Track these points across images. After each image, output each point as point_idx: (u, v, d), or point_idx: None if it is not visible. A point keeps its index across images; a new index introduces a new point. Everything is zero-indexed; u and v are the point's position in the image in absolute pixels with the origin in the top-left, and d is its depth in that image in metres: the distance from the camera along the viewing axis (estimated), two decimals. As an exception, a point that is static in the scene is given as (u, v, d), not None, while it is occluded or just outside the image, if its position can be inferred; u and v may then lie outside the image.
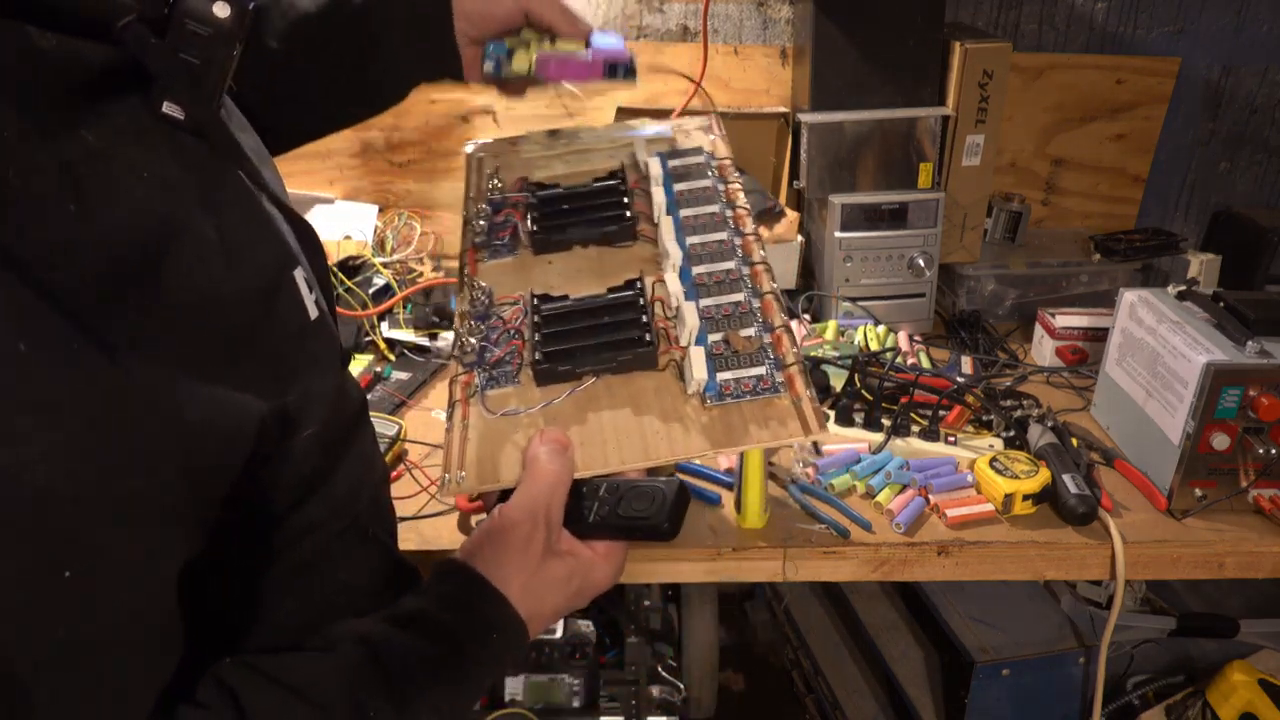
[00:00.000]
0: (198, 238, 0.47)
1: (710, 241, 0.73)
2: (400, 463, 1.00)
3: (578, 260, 0.73)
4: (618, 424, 0.60)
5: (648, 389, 0.63)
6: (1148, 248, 1.40)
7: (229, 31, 0.48)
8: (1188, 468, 0.95)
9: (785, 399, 0.61)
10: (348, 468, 0.60)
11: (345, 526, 0.61)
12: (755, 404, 0.60)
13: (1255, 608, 1.33)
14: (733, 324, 0.66)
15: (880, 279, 1.32)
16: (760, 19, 1.46)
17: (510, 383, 0.64)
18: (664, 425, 0.60)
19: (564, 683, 1.16)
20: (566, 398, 0.62)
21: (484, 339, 0.66)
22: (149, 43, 0.46)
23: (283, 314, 0.53)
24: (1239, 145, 1.60)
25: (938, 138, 1.32)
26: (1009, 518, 0.95)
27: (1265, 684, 1.20)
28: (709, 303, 0.68)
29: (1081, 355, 1.24)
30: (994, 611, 1.30)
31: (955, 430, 1.07)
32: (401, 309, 1.25)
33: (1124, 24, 1.50)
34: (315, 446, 0.55)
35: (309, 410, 0.54)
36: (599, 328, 0.66)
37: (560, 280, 0.71)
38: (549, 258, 0.73)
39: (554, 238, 0.73)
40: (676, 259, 0.70)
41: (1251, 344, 0.92)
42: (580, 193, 0.78)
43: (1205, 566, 0.94)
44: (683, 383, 0.62)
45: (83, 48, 0.44)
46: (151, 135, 0.47)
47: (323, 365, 0.56)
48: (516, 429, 0.61)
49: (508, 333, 0.67)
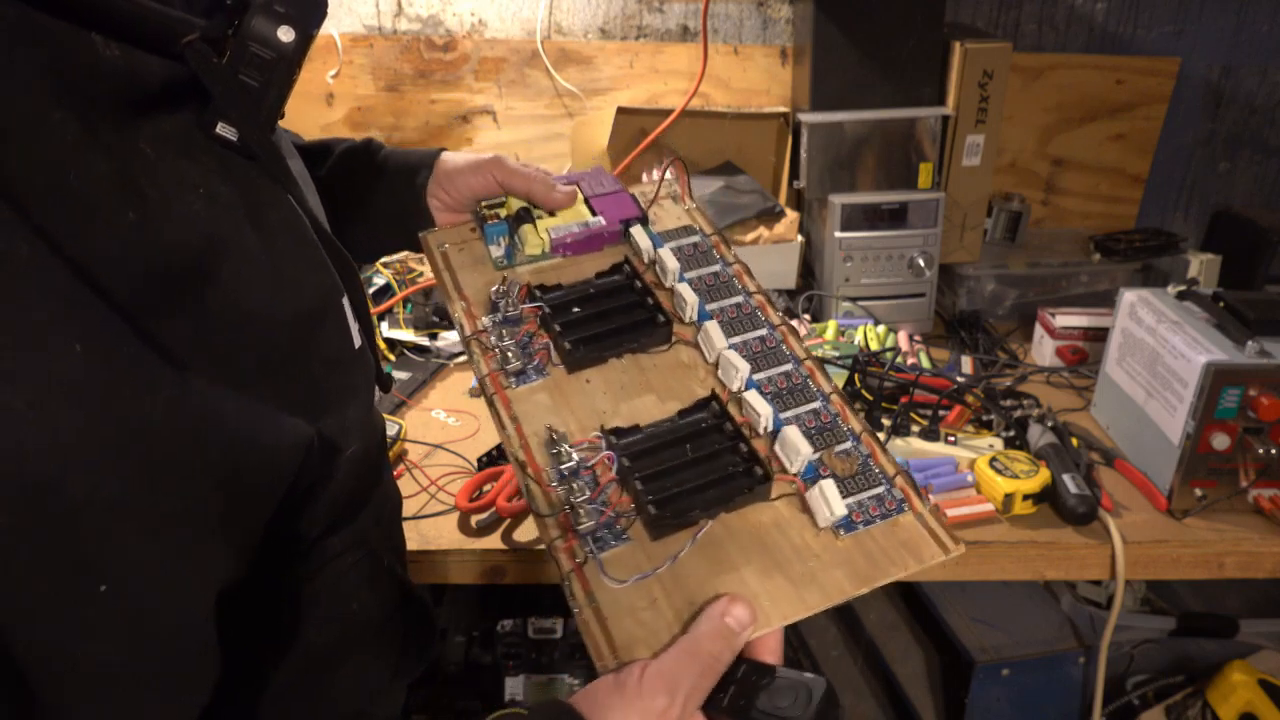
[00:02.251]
0: (247, 257, 0.47)
1: (753, 340, 0.66)
2: (400, 463, 1.01)
3: (616, 374, 0.65)
4: (758, 572, 0.56)
5: (767, 525, 0.58)
6: (1148, 248, 1.40)
7: (290, 56, 0.48)
8: (1188, 468, 0.95)
9: (909, 516, 0.57)
10: (376, 498, 0.60)
11: (361, 556, 0.60)
12: (883, 527, 0.57)
13: (1255, 608, 1.33)
14: (824, 440, 0.61)
15: (880, 279, 1.32)
16: (760, 19, 1.46)
17: (620, 542, 0.57)
18: (803, 566, 0.56)
19: (564, 683, 1.16)
20: (691, 547, 0.56)
21: (576, 497, 0.57)
22: (210, 62, 0.45)
23: (328, 341, 0.53)
24: (1239, 145, 1.60)
25: (938, 138, 1.32)
26: (1009, 518, 0.95)
27: (1265, 684, 1.20)
28: (789, 415, 0.62)
29: (1081, 355, 1.24)
30: (994, 611, 1.30)
31: (955, 430, 1.07)
32: (401, 309, 1.25)
33: (1124, 24, 1.50)
34: (350, 477, 0.55)
35: (347, 439, 0.54)
36: (697, 462, 0.59)
37: (610, 404, 0.63)
38: (585, 375, 0.64)
39: (591, 352, 0.64)
40: (744, 372, 0.62)
41: (1251, 344, 0.92)
42: (593, 294, 0.68)
43: (1205, 566, 0.94)
44: (805, 515, 0.58)
45: (145, 61, 0.43)
46: (203, 152, 0.47)
47: (361, 396, 0.56)
48: (645, 591, 0.55)
49: (603, 486, 0.58)
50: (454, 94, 1.42)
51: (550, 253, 0.70)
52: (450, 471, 1.00)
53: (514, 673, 1.18)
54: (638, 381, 0.65)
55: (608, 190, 0.74)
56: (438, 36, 1.40)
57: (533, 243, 0.70)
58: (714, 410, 0.62)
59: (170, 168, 0.44)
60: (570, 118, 1.45)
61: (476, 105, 1.43)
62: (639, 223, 0.72)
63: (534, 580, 0.91)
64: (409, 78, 1.41)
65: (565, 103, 1.44)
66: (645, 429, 0.61)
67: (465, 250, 0.72)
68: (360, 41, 1.39)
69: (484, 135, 1.45)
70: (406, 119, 1.43)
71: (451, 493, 0.96)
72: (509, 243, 0.70)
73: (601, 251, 0.71)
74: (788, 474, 0.59)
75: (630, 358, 0.65)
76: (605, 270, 0.70)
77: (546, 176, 0.73)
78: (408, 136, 1.44)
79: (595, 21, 1.44)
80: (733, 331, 0.66)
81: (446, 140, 1.45)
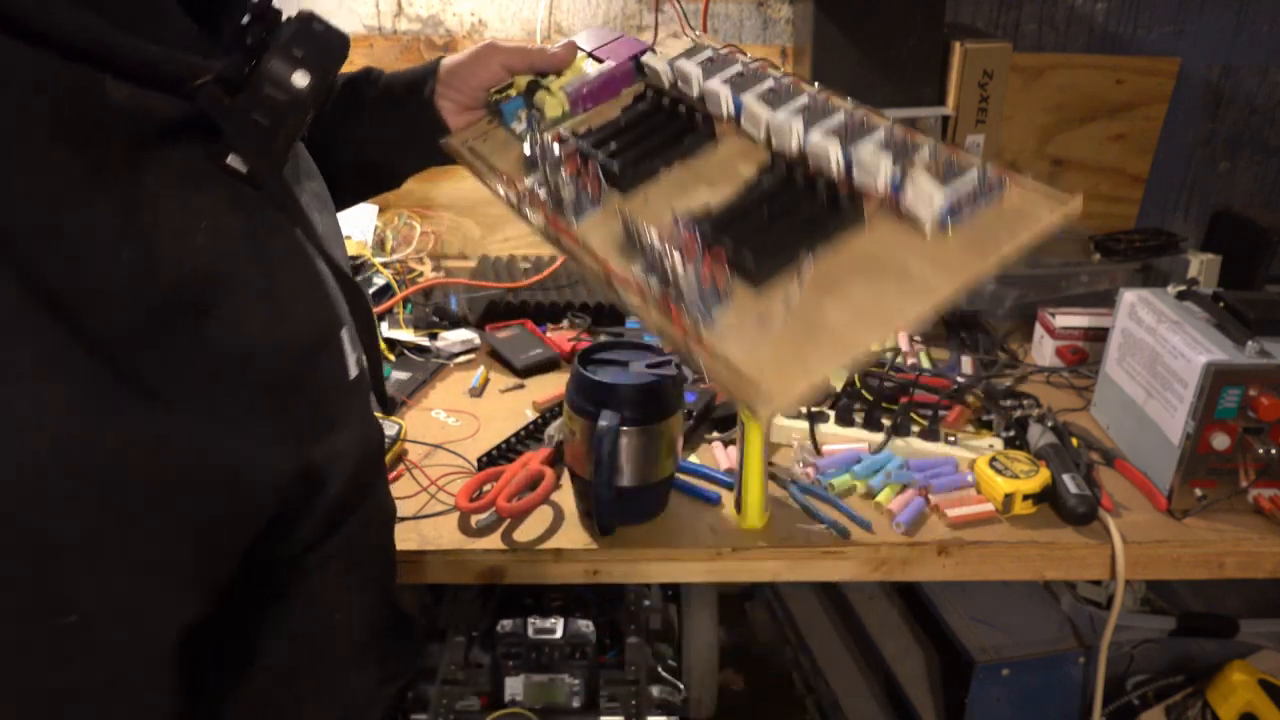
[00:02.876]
0: (246, 288, 0.47)
1: (797, 107, 0.63)
2: (400, 462, 1.01)
3: (671, 185, 0.64)
4: (869, 285, 0.54)
5: (873, 249, 0.56)
6: (1148, 248, 1.40)
7: (304, 100, 0.48)
8: (1188, 468, 0.95)
9: (1013, 190, 0.54)
10: (362, 514, 0.60)
11: (347, 568, 0.61)
12: (990, 209, 0.55)
13: (1255, 608, 1.33)
14: (904, 153, 0.58)
15: (880, 279, 1.32)
16: (760, 19, 1.46)
17: (726, 302, 0.56)
18: (921, 264, 0.54)
19: (564, 683, 1.16)
20: (801, 285, 0.54)
21: (672, 271, 0.55)
22: (221, 103, 0.46)
23: (323, 372, 0.53)
24: (1239, 145, 1.60)
25: (938, 137, 1.32)
26: (1009, 518, 0.95)
27: (1265, 684, 1.20)
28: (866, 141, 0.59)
29: (1081, 355, 1.24)
30: (994, 611, 1.30)
31: (955, 430, 1.07)
32: (401, 309, 1.25)
33: (1124, 24, 1.50)
34: (338, 498, 0.55)
35: (337, 465, 0.54)
36: (777, 216, 0.58)
37: (671, 206, 0.61)
38: (642, 194, 0.63)
39: (641, 169, 0.63)
40: (799, 125, 0.60)
41: (1251, 344, 0.92)
42: (624, 127, 0.68)
43: (1205, 566, 0.94)
44: (907, 224, 0.55)
45: (155, 101, 0.44)
46: (212, 184, 0.47)
47: (355, 423, 0.57)
48: (765, 334, 0.53)
49: (687, 250, 0.56)
50: (454, 94, 1.42)
51: (571, 111, 0.70)
52: (450, 471, 1.00)
53: (514, 673, 1.18)
54: (697, 180, 0.63)
55: (607, 40, 0.74)
56: (438, 36, 1.40)
57: (552, 105, 0.69)
58: (780, 170, 0.60)
59: (175, 202, 0.44)
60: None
61: (476, 105, 1.43)
62: (649, 52, 0.71)
63: (534, 580, 0.91)
64: (409, 78, 1.41)
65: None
66: (716, 208, 0.60)
67: (488, 140, 0.72)
68: (360, 42, 1.38)
69: (484, 135, 1.45)
70: (406, 119, 1.43)
71: (451, 493, 0.96)
72: (529, 114, 0.70)
73: (621, 95, 0.71)
74: (876, 195, 0.57)
75: (680, 165, 0.64)
76: (629, 104, 0.69)
77: (543, 47, 0.74)
78: (408, 136, 1.44)
79: (595, 21, 1.44)
80: (774, 105, 0.64)
81: (446, 140, 1.45)
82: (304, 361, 0.51)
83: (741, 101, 0.65)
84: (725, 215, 0.60)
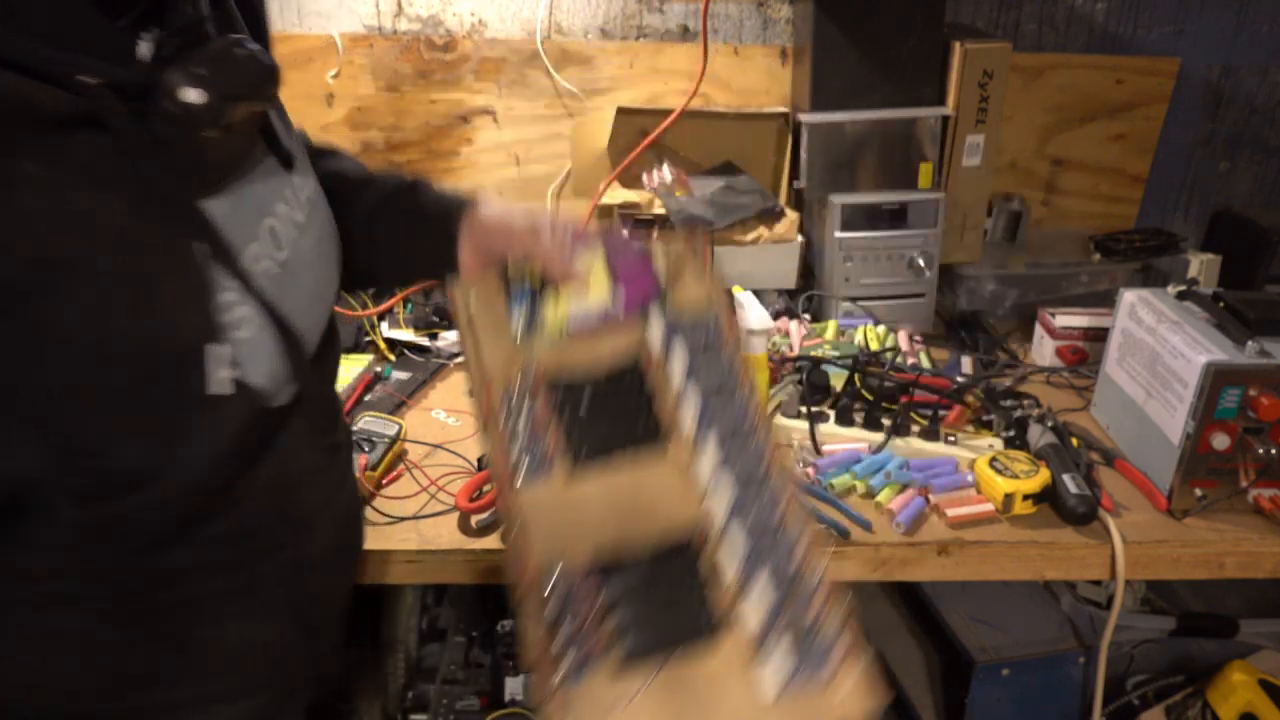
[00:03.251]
0: (96, 283, 0.50)
1: (741, 471, 0.67)
2: (400, 462, 1.01)
3: (614, 484, 0.67)
4: None
5: (715, 679, 0.61)
6: (1148, 248, 1.40)
7: (198, 115, 0.51)
8: (1188, 468, 0.95)
9: (842, 679, 0.64)
10: (263, 535, 0.63)
11: (236, 586, 0.63)
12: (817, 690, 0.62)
13: (1255, 608, 1.33)
14: (787, 601, 0.63)
15: (880, 279, 1.32)
16: (760, 19, 1.46)
17: (594, 668, 0.61)
18: None
19: (564, 683, 1.16)
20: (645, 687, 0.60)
21: (567, 628, 0.61)
22: (109, 102, 0.49)
23: (171, 381, 0.54)
24: (1239, 145, 1.60)
25: (938, 138, 1.32)
26: (1009, 517, 0.95)
27: (1265, 684, 1.20)
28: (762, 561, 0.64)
29: (1081, 355, 1.24)
30: (994, 611, 1.30)
31: (955, 430, 1.07)
32: (401, 308, 1.25)
33: (1124, 24, 1.50)
34: (180, 504, 0.58)
35: (169, 471, 0.56)
36: (667, 605, 0.63)
37: (599, 524, 0.65)
38: (588, 478, 0.67)
39: (595, 457, 0.67)
40: (726, 505, 0.65)
41: (1251, 344, 0.92)
42: (604, 390, 0.70)
43: (1205, 566, 0.94)
44: (752, 675, 0.60)
45: (42, 94, 0.47)
46: (95, 180, 0.50)
47: (210, 439, 0.57)
48: None
49: (588, 620, 0.62)
50: (454, 94, 1.42)
51: (568, 334, 0.72)
52: (450, 471, 1.00)
53: (514, 673, 1.18)
54: (631, 499, 0.66)
55: (626, 255, 0.73)
56: (438, 36, 1.40)
57: (553, 321, 0.72)
58: (691, 553, 0.64)
59: (45, 189, 0.48)
60: (570, 118, 1.44)
61: (476, 105, 1.43)
62: (657, 300, 0.72)
63: (534, 580, 0.91)
64: (409, 78, 1.41)
65: (565, 103, 1.44)
66: (627, 564, 0.63)
67: (489, 312, 0.74)
68: (360, 41, 1.39)
69: (484, 135, 1.45)
70: (406, 119, 1.43)
71: (451, 493, 0.96)
72: (529, 314, 0.72)
73: (617, 332, 0.73)
74: (745, 634, 0.61)
75: (630, 460, 0.68)
76: (615, 371, 0.71)
77: (566, 244, 0.72)
78: (408, 136, 1.44)
79: (595, 21, 1.44)
80: (726, 453, 0.67)
81: (446, 140, 1.45)
82: (147, 365, 0.53)
83: (703, 438, 0.68)
84: (630, 580, 0.64)
